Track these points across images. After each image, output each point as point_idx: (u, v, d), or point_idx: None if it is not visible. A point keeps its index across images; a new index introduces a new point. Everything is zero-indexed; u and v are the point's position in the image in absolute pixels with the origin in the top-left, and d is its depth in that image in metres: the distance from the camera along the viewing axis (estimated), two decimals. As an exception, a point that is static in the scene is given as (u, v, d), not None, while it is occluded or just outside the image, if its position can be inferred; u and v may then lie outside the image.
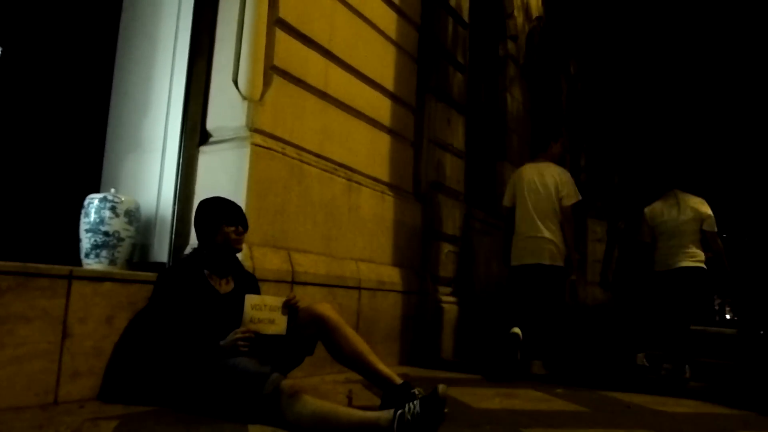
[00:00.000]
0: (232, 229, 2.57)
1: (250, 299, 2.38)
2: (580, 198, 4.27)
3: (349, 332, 2.56)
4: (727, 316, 40.09)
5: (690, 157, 12.12)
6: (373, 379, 2.53)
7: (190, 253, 2.66)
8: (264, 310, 2.41)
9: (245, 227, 2.66)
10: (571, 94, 10.25)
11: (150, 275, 2.64)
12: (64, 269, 2.28)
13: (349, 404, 2.43)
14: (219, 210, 2.61)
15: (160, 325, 2.37)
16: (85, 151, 3.66)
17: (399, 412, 1.87)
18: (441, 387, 1.94)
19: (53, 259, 2.90)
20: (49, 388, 2.22)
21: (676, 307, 4.58)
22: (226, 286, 2.57)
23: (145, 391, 2.43)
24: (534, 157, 4.57)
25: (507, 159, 7.32)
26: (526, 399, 3.11)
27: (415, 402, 1.91)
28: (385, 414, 1.90)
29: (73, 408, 2.20)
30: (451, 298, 5.22)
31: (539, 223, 4.14)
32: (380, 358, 2.57)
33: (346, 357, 2.53)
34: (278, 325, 2.45)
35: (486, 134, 6.98)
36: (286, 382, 2.10)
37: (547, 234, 4.12)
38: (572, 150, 10.32)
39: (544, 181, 4.23)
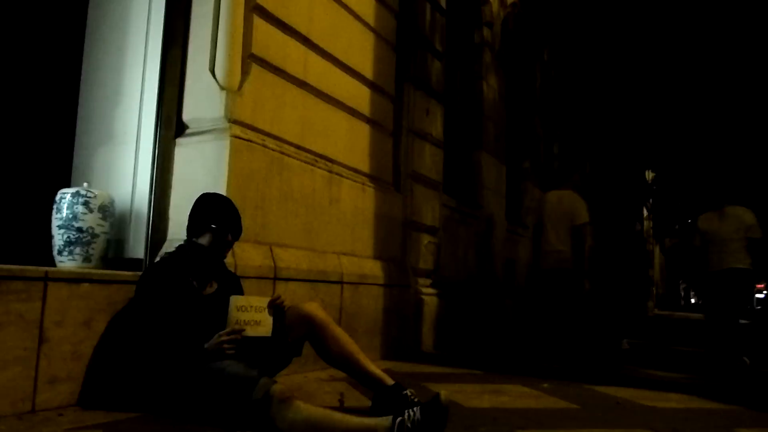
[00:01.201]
0: (222, 236, 2.46)
1: (236, 300, 2.29)
2: (588, 220, 5.37)
3: (338, 332, 2.49)
4: (692, 300, 41.02)
5: (738, 170, 12.28)
6: (362, 379, 2.48)
7: (174, 251, 2.54)
8: (249, 312, 2.32)
9: (236, 236, 2.55)
10: (544, 82, 10.27)
11: (129, 275, 2.52)
12: (40, 271, 2.16)
13: (341, 408, 2.37)
14: (213, 211, 2.49)
15: (142, 327, 2.26)
16: (53, 143, 3.50)
17: (399, 419, 1.81)
18: (443, 394, 1.88)
19: (24, 257, 2.76)
20: (25, 395, 2.10)
21: (724, 303, 5.36)
22: (209, 288, 2.47)
23: (127, 396, 2.33)
24: (559, 185, 5.70)
25: (483, 148, 7.29)
26: (515, 395, 3.09)
27: (415, 409, 1.85)
28: (383, 421, 1.84)
29: (51, 416, 2.09)
30: (431, 290, 5.19)
31: (556, 239, 5.30)
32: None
33: (335, 358, 2.47)
34: (264, 326, 2.36)
35: (462, 123, 6.94)
36: (277, 387, 2.02)
37: (560, 247, 5.28)
38: (545, 138, 10.36)
39: (562, 206, 5.35)
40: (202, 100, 3.27)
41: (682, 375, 4.39)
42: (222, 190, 3.03)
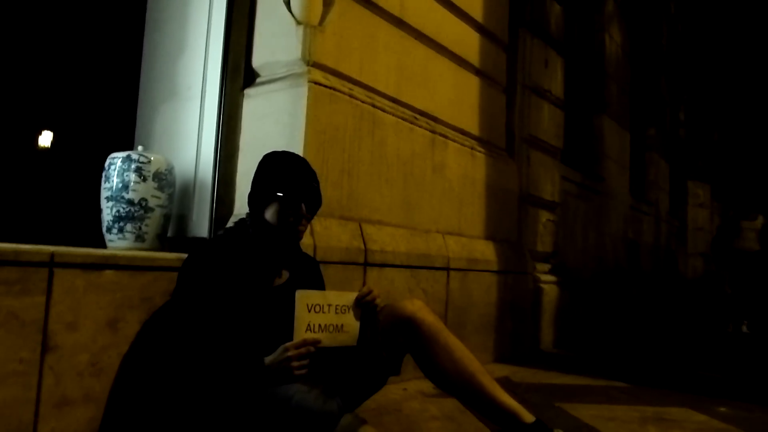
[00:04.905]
0: (292, 207, 1.75)
1: (306, 297, 1.61)
2: None
3: (452, 342, 1.75)
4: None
5: None
6: (487, 411, 1.74)
7: (231, 228, 1.90)
8: (327, 313, 1.64)
9: (312, 207, 1.82)
10: (671, 39, 8.93)
11: (171, 258, 1.90)
12: (42, 252, 1.57)
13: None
14: (280, 175, 1.78)
15: (180, 333, 1.63)
16: (115, 100, 3.03)
17: None
18: None
19: (76, 237, 2.25)
20: (22, 425, 1.53)
21: None
22: (276, 278, 1.80)
23: (165, 428, 1.73)
24: None
25: (605, 111, 6.27)
26: (691, 428, 2.24)
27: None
28: None
29: (55, 457, 1.51)
30: (550, 277, 4.35)
31: None
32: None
33: (449, 380, 1.74)
34: (348, 332, 1.68)
35: (582, 81, 5.94)
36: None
37: None
38: (671, 102, 9.06)
39: None
40: (274, 39, 2.62)
41: None
42: (298, 151, 2.37)
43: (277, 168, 1.80)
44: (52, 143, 2.94)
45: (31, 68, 2.82)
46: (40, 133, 2.91)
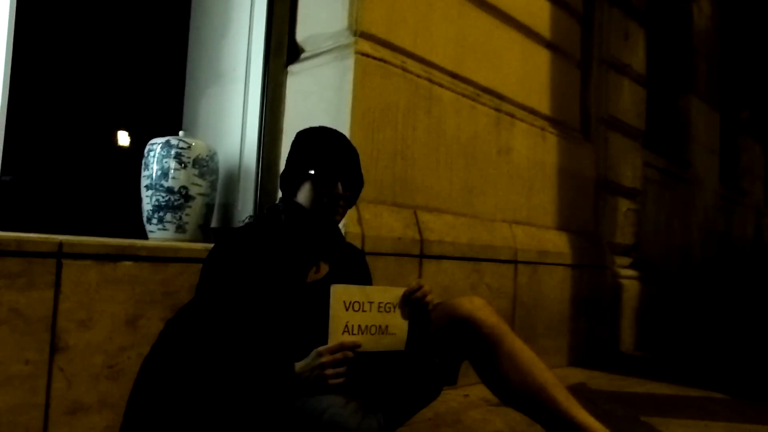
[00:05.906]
0: (326, 186, 1.52)
1: (343, 293, 1.36)
2: None
3: (519, 349, 1.46)
4: None
5: None
6: (559, 430, 1.44)
7: (262, 215, 1.68)
8: (369, 312, 1.39)
9: (350, 186, 1.57)
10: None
11: (198, 247, 1.70)
12: (49, 242, 1.40)
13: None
14: (312, 151, 1.55)
15: (200, 334, 1.42)
16: (162, 86, 2.92)
17: None
18: None
19: (119, 229, 2.13)
20: (30, 434, 1.37)
21: None
22: (313, 272, 1.56)
23: (189, 435, 1.54)
24: None
25: (693, 91, 5.70)
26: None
27: None
28: None
29: (62, 472, 1.34)
30: (631, 272, 3.93)
31: None
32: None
33: (515, 392, 1.45)
34: (394, 335, 1.42)
35: (667, 57, 5.42)
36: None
37: None
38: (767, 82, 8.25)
39: None
40: (319, 9, 2.40)
41: None
42: (345, 130, 2.13)
43: (310, 144, 1.56)
44: (94, 131, 2.85)
45: (77, 57, 2.73)
46: (86, 120, 2.81)
